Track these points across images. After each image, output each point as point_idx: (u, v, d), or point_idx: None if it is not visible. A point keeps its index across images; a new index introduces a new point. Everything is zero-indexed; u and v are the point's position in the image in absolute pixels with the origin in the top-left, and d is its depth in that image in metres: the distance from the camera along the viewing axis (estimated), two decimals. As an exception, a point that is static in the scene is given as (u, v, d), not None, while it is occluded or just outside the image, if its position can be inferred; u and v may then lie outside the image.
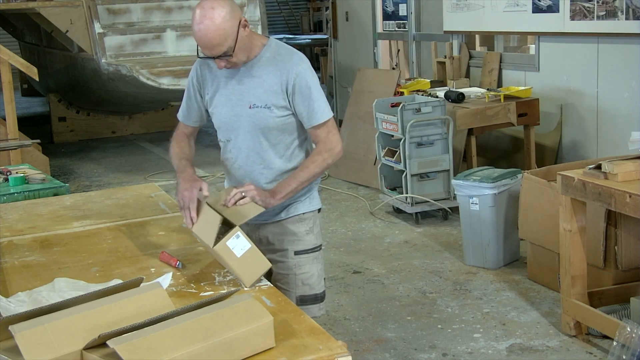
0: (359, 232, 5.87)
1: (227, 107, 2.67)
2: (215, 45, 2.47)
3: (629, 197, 3.31)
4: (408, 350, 3.87)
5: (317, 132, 2.64)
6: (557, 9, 6.09)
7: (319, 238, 2.82)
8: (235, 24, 2.48)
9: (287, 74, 2.58)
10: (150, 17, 8.68)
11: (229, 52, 2.49)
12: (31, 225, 3.15)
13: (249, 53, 2.60)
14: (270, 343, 1.90)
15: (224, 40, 2.46)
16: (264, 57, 2.62)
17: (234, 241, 2.37)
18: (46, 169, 7.28)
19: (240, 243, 2.38)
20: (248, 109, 2.62)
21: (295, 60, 2.61)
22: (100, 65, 8.21)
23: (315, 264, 2.79)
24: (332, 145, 2.63)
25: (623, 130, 5.50)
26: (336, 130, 2.67)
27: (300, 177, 2.61)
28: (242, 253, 2.36)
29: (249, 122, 2.64)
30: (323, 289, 2.83)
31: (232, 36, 2.47)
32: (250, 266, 2.37)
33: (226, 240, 2.37)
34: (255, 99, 2.61)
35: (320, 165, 2.62)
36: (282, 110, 2.61)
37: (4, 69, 6.60)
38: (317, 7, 19.23)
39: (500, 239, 4.88)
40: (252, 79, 2.61)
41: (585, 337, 3.81)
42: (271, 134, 2.64)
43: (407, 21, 8.45)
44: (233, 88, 2.65)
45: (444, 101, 6.00)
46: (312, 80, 2.61)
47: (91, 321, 1.85)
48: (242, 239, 2.38)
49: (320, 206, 2.85)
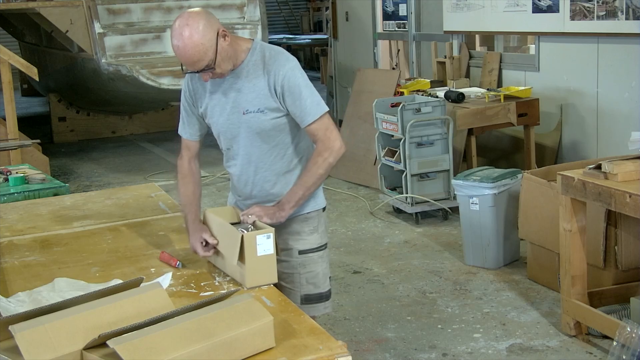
0: (359, 232, 5.87)
1: (223, 117, 2.66)
2: (195, 61, 2.45)
3: (629, 197, 3.31)
4: (408, 350, 3.87)
5: (313, 131, 2.60)
6: (557, 9, 6.09)
7: (324, 237, 2.80)
8: (212, 37, 2.45)
9: (274, 76, 2.56)
10: (150, 17, 8.68)
11: (211, 65, 2.48)
12: (31, 225, 3.16)
13: (235, 60, 2.58)
14: (270, 343, 1.90)
15: (204, 55, 2.44)
16: (250, 61, 2.59)
17: (263, 239, 2.36)
18: (46, 169, 7.28)
19: (267, 245, 2.36)
20: (243, 115, 2.61)
21: (281, 61, 2.57)
22: (100, 65, 8.21)
23: (320, 262, 2.77)
24: (330, 143, 2.59)
25: (623, 130, 5.50)
26: (333, 126, 2.62)
27: (305, 183, 2.61)
28: (262, 254, 2.35)
29: (245, 128, 2.63)
30: (328, 288, 2.81)
31: (211, 49, 2.45)
32: (261, 270, 2.36)
33: (257, 233, 2.36)
34: (248, 104, 2.60)
35: (322, 166, 2.60)
36: (275, 112, 2.60)
37: (4, 69, 6.60)
38: (317, 7, 19.24)
39: (500, 239, 4.88)
40: (243, 85, 2.60)
41: (585, 337, 3.81)
42: (268, 136, 2.63)
43: (407, 21, 8.45)
44: (226, 97, 2.64)
45: (444, 101, 6.00)
46: (300, 79, 2.57)
47: (91, 321, 1.85)
48: (271, 242, 2.37)
49: (325, 205, 2.83)
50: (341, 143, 2.62)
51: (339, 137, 2.62)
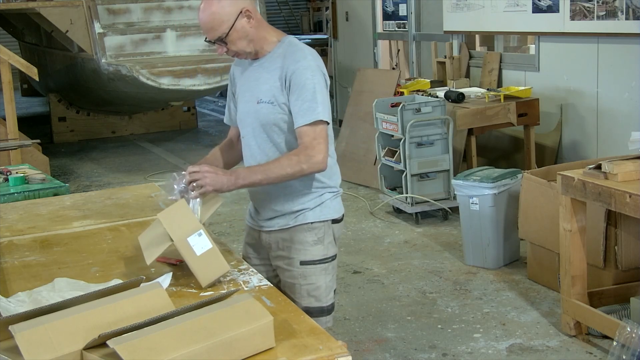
0: (359, 232, 5.87)
1: (242, 103, 2.69)
2: (208, 28, 2.53)
3: (629, 197, 3.31)
4: (408, 350, 3.87)
5: (302, 134, 2.49)
6: (557, 9, 6.09)
7: (330, 249, 2.67)
8: (232, 11, 2.50)
9: (286, 70, 2.54)
10: (150, 17, 8.69)
11: (223, 38, 2.52)
12: (31, 225, 3.15)
13: (260, 47, 2.60)
14: (270, 343, 1.90)
15: (218, 26, 2.50)
16: (275, 53, 2.61)
17: (196, 239, 2.33)
18: (46, 169, 7.28)
19: (202, 242, 2.33)
20: (256, 104, 2.61)
21: (297, 57, 2.55)
22: (100, 65, 8.21)
23: (323, 275, 2.65)
24: (313, 153, 2.46)
25: (623, 130, 5.50)
26: (324, 140, 2.50)
27: (268, 171, 2.47)
28: (202, 252, 2.32)
29: (254, 117, 2.62)
30: (331, 302, 2.69)
31: (227, 22, 2.50)
32: (208, 266, 2.33)
33: (187, 235, 2.33)
34: (262, 94, 2.60)
35: (293, 167, 2.46)
36: (283, 107, 2.57)
37: (4, 69, 6.60)
38: (317, 7, 19.21)
39: (500, 239, 4.88)
40: (262, 74, 2.61)
41: (585, 337, 3.81)
42: (273, 131, 2.60)
43: (407, 21, 8.45)
44: (248, 84, 2.66)
45: (444, 101, 6.00)
46: (308, 80, 2.51)
47: (91, 321, 1.85)
48: (204, 238, 2.33)
49: (335, 216, 2.68)
50: (324, 159, 2.48)
51: (324, 152, 2.49)
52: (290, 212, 2.65)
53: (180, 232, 2.36)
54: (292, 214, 2.65)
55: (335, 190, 2.70)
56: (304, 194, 2.64)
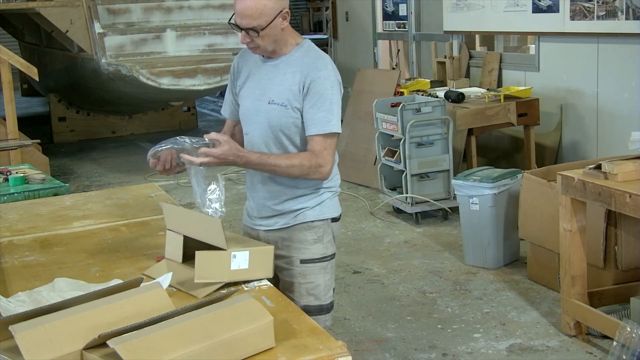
0: (359, 232, 5.87)
1: (250, 100, 2.67)
2: (247, 15, 2.48)
3: (629, 197, 3.31)
4: (408, 350, 3.87)
5: (313, 142, 2.54)
6: (557, 9, 6.09)
7: (329, 247, 2.71)
8: (275, 8, 2.49)
9: (305, 77, 2.55)
10: (150, 17, 8.68)
11: (257, 30, 2.49)
12: (31, 225, 3.15)
13: (279, 48, 2.60)
14: (270, 343, 1.90)
15: (257, 16, 2.47)
16: (293, 56, 2.60)
17: (240, 255, 2.36)
18: (46, 169, 7.28)
19: (241, 258, 2.36)
20: (267, 105, 2.60)
21: (319, 66, 2.57)
22: (100, 65, 8.21)
23: (322, 274, 2.68)
24: (323, 162, 2.53)
25: (623, 130, 5.50)
26: (333, 151, 2.56)
27: (276, 166, 2.53)
28: (235, 268, 2.34)
29: (265, 117, 2.61)
30: (330, 300, 2.72)
31: (266, 17, 2.48)
32: (257, 265, 2.37)
33: (233, 250, 2.35)
34: (275, 95, 2.59)
35: (300, 170, 2.53)
36: (296, 111, 2.57)
37: (4, 69, 6.60)
38: (317, 7, 19.21)
39: (500, 239, 4.88)
40: (276, 75, 2.61)
41: (585, 337, 3.81)
42: (282, 133, 2.60)
43: (407, 21, 8.46)
44: (259, 82, 2.65)
45: (444, 101, 6.01)
46: (327, 90, 2.54)
47: (91, 321, 1.85)
48: (244, 255, 2.36)
49: (334, 215, 2.72)
50: (329, 171, 2.57)
51: (331, 164, 2.57)
52: (290, 211, 2.67)
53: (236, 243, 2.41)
54: (292, 212, 2.67)
55: (335, 190, 2.74)
56: (305, 193, 2.66)
